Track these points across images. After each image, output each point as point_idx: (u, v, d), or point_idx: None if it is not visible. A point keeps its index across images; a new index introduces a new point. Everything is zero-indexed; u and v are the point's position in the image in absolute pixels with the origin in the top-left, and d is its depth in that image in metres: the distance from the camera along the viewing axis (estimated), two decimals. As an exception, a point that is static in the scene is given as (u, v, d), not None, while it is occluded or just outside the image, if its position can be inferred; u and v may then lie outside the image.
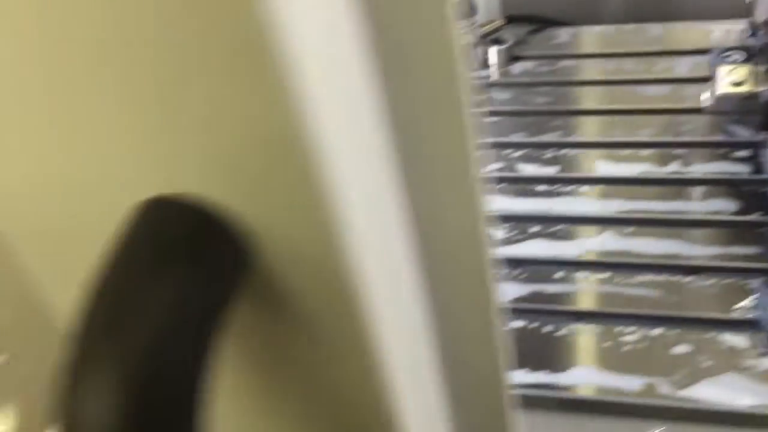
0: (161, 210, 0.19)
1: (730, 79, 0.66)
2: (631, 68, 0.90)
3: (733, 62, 0.76)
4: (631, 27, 0.97)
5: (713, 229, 0.70)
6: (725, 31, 0.90)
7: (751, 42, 0.77)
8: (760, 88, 0.64)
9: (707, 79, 0.80)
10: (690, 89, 0.84)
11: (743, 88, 0.66)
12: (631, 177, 0.76)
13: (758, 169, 0.73)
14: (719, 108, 0.71)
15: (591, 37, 0.97)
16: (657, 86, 0.87)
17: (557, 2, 1.12)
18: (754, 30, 0.79)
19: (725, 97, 0.67)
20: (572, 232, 0.72)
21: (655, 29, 0.95)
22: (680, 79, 0.86)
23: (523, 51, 0.96)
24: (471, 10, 0.92)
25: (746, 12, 0.85)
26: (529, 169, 0.79)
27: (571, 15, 1.04)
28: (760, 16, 0.69)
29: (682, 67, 0.88)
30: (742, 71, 0.66)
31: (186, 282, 0.19)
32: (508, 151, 0.82)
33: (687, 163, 0.76)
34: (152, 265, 0.19)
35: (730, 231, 0.69)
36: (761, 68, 0.64)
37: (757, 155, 0.74)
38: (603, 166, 0.78)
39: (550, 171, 0.78)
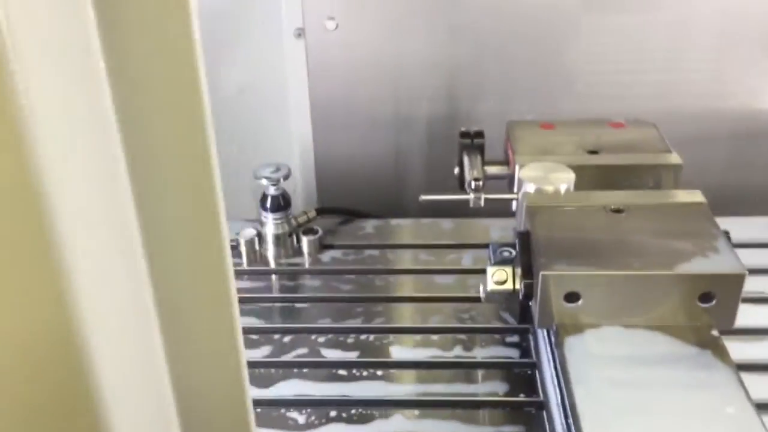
0: None
1: (495, 278, 0.78)
2: (425, 259, 1.02)
3: (503, 259, 0.90)
4: (427, 221, 1.10)
5: (490, 409, 0.79)
6: (502, 228, 1.06)
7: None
8: (518, 287, 0.76)
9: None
10: (473, 279, 0.96)
11: (506, 287, 0.78)
12: (422, 361, 0.85)
13: (525, 354, 0.85)
14: (490, 300, 0.83)
15: (393, 228, 1.09)
16: (446, 276, 0.99)
17: (366, 197, 1.26)
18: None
19: (492, 293, 0.79)
20: (368, 416, 0.78)
21: (447, 224, 1.09)
22: (466, 270, 0.99)
23: (334, 240, 1.06)
24: (286, 203, 1.02)
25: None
26: (332, 354, 0.86)
27: (377, 208, 1.17)
28: (518, 225, 0.82)
29: (467, 259, 1.02)
30: (504, 271, 0.78)
31: None
32: (314, 336, 0.89)
33: (468, 348, 0.86)
34: None
35: (503, 412, 0.79)
36: (518, 270, 0.76)
37: (522, 341, 0.86)
38: (398, 350, 0.86)
39: (351, 356, 0.86)
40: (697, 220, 0.76)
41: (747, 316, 0.88)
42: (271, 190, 1.00)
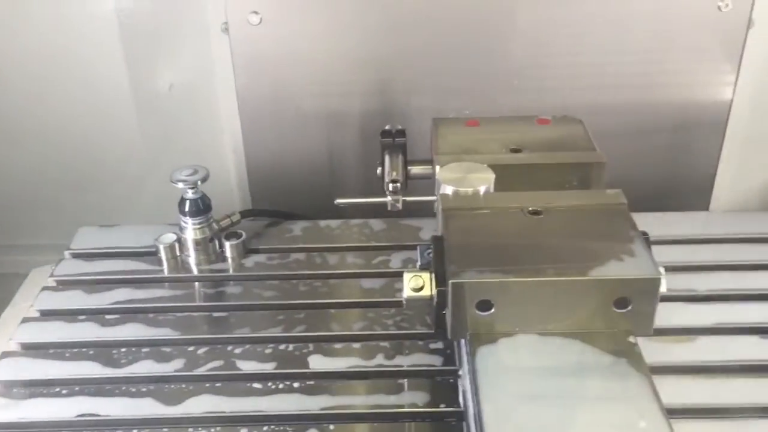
0: None
1: (411, 285, 0.75)
2: (352, 261, 0.99)
3: (429, 262, 0.86)
4: (357, 222, 1.07)
5: (409, 421, 0.76)
6: (435, 228, 1.02)
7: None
8: (434, 293, 0.73)
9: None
10: (401, 283, 0.92)
11: (423, 293, 0.75)
12: (341, 371, 0.81)
13: (448, 361, 0.82)
14: (410, 306, 0.79)
15: (322, 230, 1.06)
16: (373, 279, 0.95)
17: (300, 196, 1.22)
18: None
19: (411, 299, 0.75)
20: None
21: (377, 225, 1.06)
22: (393, 273, 0.96)
23: (259, 244, 1.02)
24: (206, 207, 0.97)
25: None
26: (247, 366, 0.82)
27: (311, 208, 1.13)
28: (437, 228, 0.80)
29: (396, 261, 0.99)
30: (421, 278, 0.75)
31: None
32: (231, 347, 0.85)
33: (391, 356, 0.83)
34: None
35: (423, 423, 0.76)
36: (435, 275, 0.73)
37: (446, 347, 0.83)
38: (317, 360, 0.83)
39: (268, 367, 0.82)
40: (615, 221, 0.73)
41: (677, 314, 0.87)
42: (189, 194, 0.96)
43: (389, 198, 0.84)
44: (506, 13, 1.12)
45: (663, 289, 0.70)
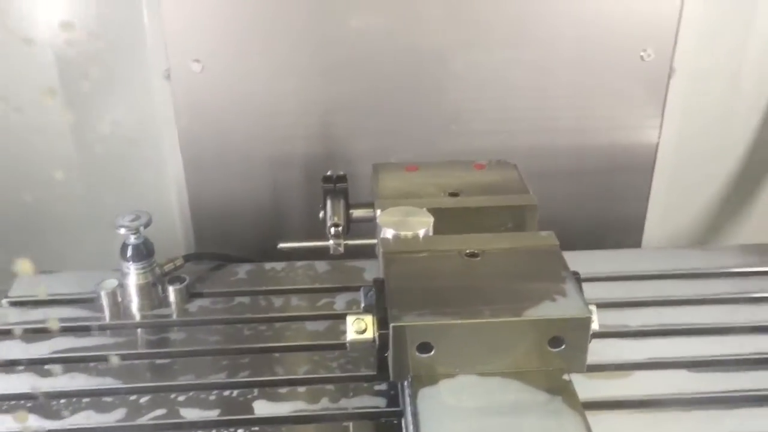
0: None
1: (354, 328, 0.77)
2: (296, 304, 1.00)
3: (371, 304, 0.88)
4: (302, 264, 1.08)
5: (353, 463, 0.77)
6: (379, 270, 1.04)
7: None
8: (376, 336, 0.74)
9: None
10: (345, 325, 0.94)
11: (366, 336, 0.76)
12: (285, 416, 0.82)
13: (393, 402, 0.83)
14: (355, 349, 0.81)
15: (267, 273, 1.06)
16: (317, 322, 0.96)
17: (245, 240, 1.23)
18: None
19: (354, 342, 0.77)
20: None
21: (322, 266, 1.07)
22: (337, 315, 0.97)
23: (203, 288, 1.02)
24: (148, 251, 0.97)
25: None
26: (191, 414, 0.82)
27: (251, 253, 1.14)
28: (378, 271, 0.81)
29: (341, 303, 1.00)
30: (364, 321, 0.77)
31: None
32: (174, 395, 0.84)
33: (335, 399, 0.84)
34: None
35: (366, 465, 0.77)
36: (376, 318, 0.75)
37: (390, 389, 0.84)
38: (261, 406, 0.83)
39: (211, 415, 0.82)
40: (548, 262, 0.76)
41: (611, 350, 0.90)
42: (132, 239, 0.96)
43: (331, 242, 0.86)
44: (440, 59, 1.16)
45: (595, 326, 0.74)
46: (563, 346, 0.69)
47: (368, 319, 0.77)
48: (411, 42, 1.15)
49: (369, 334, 0.76)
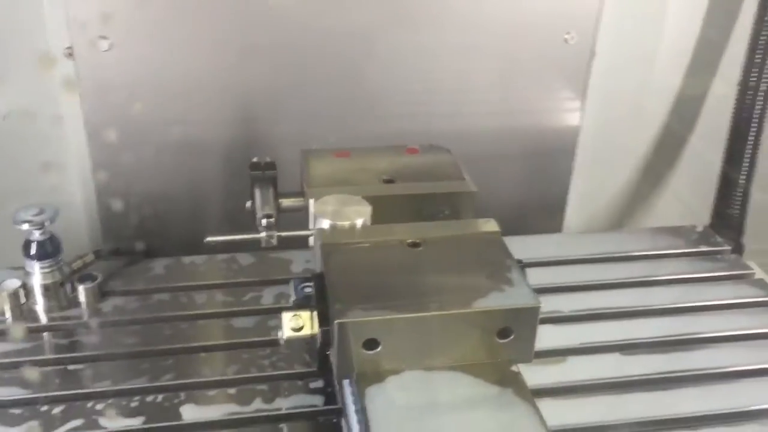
0: None
1: (291, 325, 0.72)
2: (221, 300, 0.94)
3: (305, 296, 0.83)
4: (224, 257, 1.02)
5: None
6: (307, 261, 1.00)
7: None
8: (316, 332, 0.70)
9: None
10: (275, 320, 0.89)
11: (303, 333, 0.72)
12: (216, 420, 0.77)
13: (330, 400, 0.79)
14: (289, 347, 0.76)
15: (186, 268, 1.00)
16: (245, 318, 0.91)
17: (160, 233, 1.15)
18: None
19: (290, 340, 0.72)
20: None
21: (245, 259, 1.02)
22: (266, 310, 0.92)
23: (116, 286, 0.95)
24: (55, 248, 0.89)
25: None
26: (112, 424, 0.75)
27: (172, 245, 1.07)
28: (314, 263, 0.77)
29: (268, 297, 0.95)
30: (301, 317, 0.72)
31: None
32: (92, 403, 0.77)
33: (269, 399, 0.79)
34: None
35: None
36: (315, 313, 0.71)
37: (327, 386, 0.80)
38: (190, 410, 0.78)
39: (135, 423, 0.76)
40: (491, 250, 0.74)
41: (545, 337, 0.89)
42: (36, 235, 0.87)
43: (263, 234, 0.81)
44: (362, 40, 1.12)
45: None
46: (512, 337, 0.67)
47: (306, 316, 0.72)
48: (333, 23, 1.10)
49: (307, 331, 0.72)
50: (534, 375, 0.81)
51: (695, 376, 0.85)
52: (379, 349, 0.65)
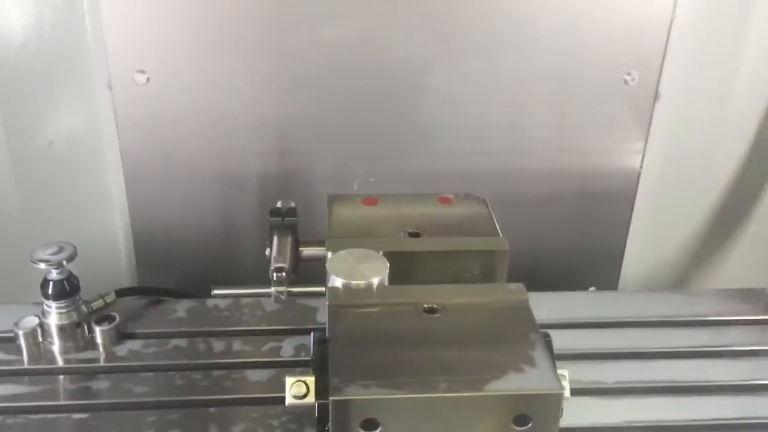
0: None
1: (293, 392, 0.67)
2: (239, 349, 0.90)
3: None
4: (249, 301, 0.98)
5: None
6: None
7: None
8: (315, 401, 0.65)
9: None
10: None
11: (307, 401, 0.67)
12: (215, 486, 0.72)
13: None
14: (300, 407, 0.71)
15: (209, 311, 0.96)
16: (260, 371, 0.86)
17: (192, 270, 1.12)
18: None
19: (293, 407, 0.67)
20: None
21: (270, 304, 0.97)
22: (283, 363, 0.87)
23: (136, 328, 0.92)
24: (72, 288, 0.87)
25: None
26: (107, 482, 0.72)
27: (198, 283, 1.04)
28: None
29: (288, 348, 0.90)
30: (305, 383, 0.67)
31: None
32: (91, 457, 0.74)
33: (275, 465, 0.74)
34: None
35: None
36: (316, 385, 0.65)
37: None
38: (189, 473, 0.73)
39: (131, 483, 0.72)
40: (516, 321, 0.67)
41: (583, 412, 0.81)
42: (54, 275, 0.85)
43: (273, 289, 0.76)
44: (409, 73, 1.07)
45: (566, 394, 0.65)
46: (530, 425, 0.60)
47: (310, 381, 0.67)
48: (378, 55, 1.05)
49: (310, 399, 0.67)
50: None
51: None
52: (379, 430, 0.59)
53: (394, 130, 1.11)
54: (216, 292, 0.77)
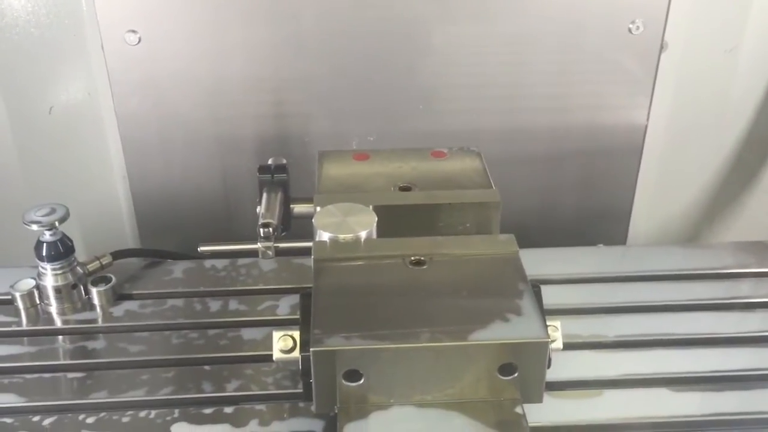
0: None
1: (280, 346, 0.66)
2: (235, 309, 0.89)
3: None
4: (246, 261, 0.97)
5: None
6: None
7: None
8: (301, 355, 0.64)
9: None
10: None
11: (293, 355, 0.66)
12: (207, 442, 0.72)
13: (331, 426, 0.73)
14: (286, 366, 0.71)
15: (206, 272, 0.96)
16: (255, 329, 0.86)
17: (192, 231, 1.12)
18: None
19: (280, 361, 0.67)
20: None
21: (268, 265, 0.96)
22: (278, 321, 0.87)
23: (133, 289, 0.92)
24: (66, 249, 0.86)
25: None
26: (99, 439, 0.72)
27: (197, 244, 1.03)
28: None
29: (284, 306, 0.89)
30: (292, 338, 0.66)
31: None
32: (83, 416, 0.74)
33: (266, 422, 0.74)
34: None
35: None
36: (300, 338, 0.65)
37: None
38: (180, 429, 0.73)
39: (122, 440, 0.72)
40: (505, 273, 0.65)
41: (580, 365, 0.79)
42: (47, 236, 0.85)
43: (259, 245, 0.75)
44: (407, 33, 1.04)
45: (558, 345, 0.64)
46: (515, 374, 0.59)
47: (297, 335, 0.66)
48: (376, 14, 1.03)
49: (296, 354, 0.66)
50: (560, 409, 0.72)
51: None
52: (361, 381, 0.58)
53: (392, 90, 1.09)
54: (203, 248, 0.77)
